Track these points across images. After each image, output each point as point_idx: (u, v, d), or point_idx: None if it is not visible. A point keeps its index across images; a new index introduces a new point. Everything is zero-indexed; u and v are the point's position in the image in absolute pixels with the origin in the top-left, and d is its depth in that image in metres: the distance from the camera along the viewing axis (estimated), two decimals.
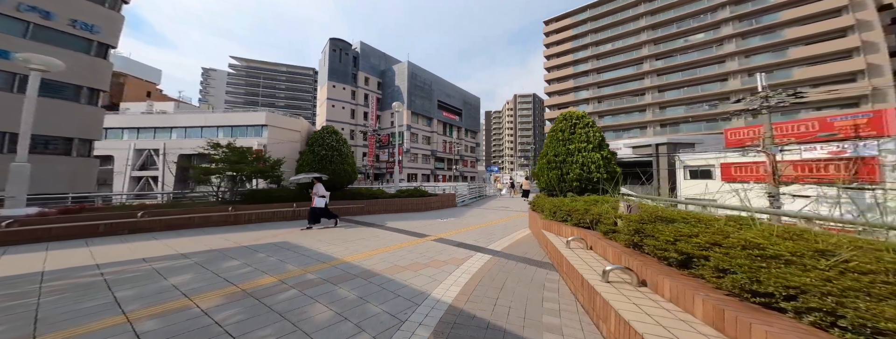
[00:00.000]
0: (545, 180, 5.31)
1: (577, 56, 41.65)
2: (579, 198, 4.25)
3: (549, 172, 5.19)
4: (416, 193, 9.51)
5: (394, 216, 7.84)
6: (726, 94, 28.61)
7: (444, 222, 6.94)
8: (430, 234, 5.55)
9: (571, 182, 4.74)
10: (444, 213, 8.79)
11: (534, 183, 18.27)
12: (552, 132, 5.50)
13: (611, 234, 2.84)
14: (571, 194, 4.73)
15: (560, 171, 4.96)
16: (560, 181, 4.94)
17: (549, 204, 4.46)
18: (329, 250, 4.27)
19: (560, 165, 4.98)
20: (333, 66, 33.00)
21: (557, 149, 5.10)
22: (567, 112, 5.45)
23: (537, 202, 5.29)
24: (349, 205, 7.69)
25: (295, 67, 69.99)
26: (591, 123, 5.10)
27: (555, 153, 5.14)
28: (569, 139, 5.05)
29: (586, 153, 4.69)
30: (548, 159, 5.26)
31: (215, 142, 6.99)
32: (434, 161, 38.25)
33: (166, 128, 22.55)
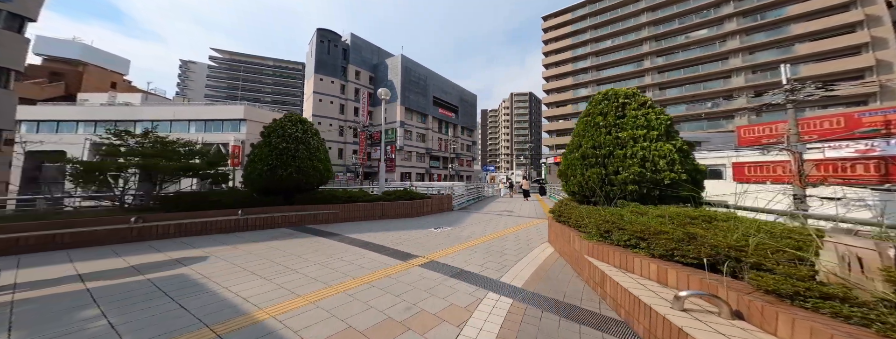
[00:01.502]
0: (578, 182, 3.77)
1: (577, 53, 40.64)
2: (647, 209, 2.75)
3: (584, 170, 3.66)
4: (404, 195, 7.91)
5: (376, 224, 6.24)
6: (729, 91, 27.92)
7: (437, 234, 5.38)
8: (418, 253, 3.98)
9: (625, 185, 3.21)
10: (439, 219, 7.23)
11: (545, 185, 17.12)
12: (587, 117, 3.97)
13: (804, 297, 1.35)
14: (623, 201, 3.21)
15: (603, 169, 3.44)
16: (604, 183, 3.43)
17: (593, 217, 2.97)
18: (247, 289, 2.64)
19: (603, 160, 3.46)
20: (321, 58, 30.94)
21: (599, 138, 3.55)
22: (609, 90, 3.92)
23: (565, 212, 3.79)
24: (319, 211, 6.03)
25: (283, 61, 67.15)
26: (650, 103, 3.57)
27: (593, 145, 3.60)
28: (616, 125, 3.51)
29: (649, 144, 3.17)
30: (582, 153, 3.71)
31: (122, 130, 5.27)
32: (429, 159, 36.64)
33: (129, 121, 20.20)
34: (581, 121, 4.11)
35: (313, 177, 6.01)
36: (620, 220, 2.61)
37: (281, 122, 5.99)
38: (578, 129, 4.10)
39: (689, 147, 3.21)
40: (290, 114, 6.28)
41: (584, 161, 3.68)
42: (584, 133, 3.87)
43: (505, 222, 6.94)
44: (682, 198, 3.00)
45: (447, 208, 9.16)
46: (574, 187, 3.86)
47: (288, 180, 5.53)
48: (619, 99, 3.69)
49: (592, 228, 2.89)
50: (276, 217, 5.30)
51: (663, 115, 3.42)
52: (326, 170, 6.45)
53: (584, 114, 4.10)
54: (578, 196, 3.97)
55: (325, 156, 6.59)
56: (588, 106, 4.12)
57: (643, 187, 3.13)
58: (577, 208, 3.58)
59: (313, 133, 6.38)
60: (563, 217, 3.79)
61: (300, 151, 5.80)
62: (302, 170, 5.70)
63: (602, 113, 3.75)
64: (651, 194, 3.15)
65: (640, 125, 3.34)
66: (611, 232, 2.64)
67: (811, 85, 12.37)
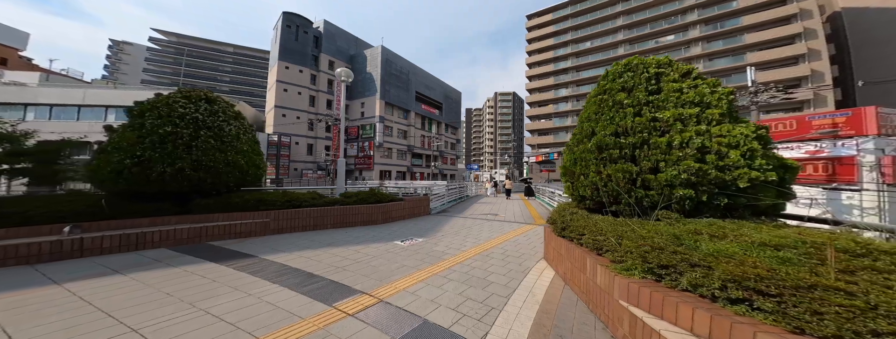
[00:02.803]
0: (592, 182, 2.63)
1: (558, 53, 41.24)
2: (725, 227, 1.65)
3: (600, 166, 2.54)
4: (369, 197, 6.42)
5: (325, 236, 4.72)
6: None
7: (403, 249, 4.02)
8: (363, 286, 2.62)
9: (670, 188, 2.08)
10: (411, 226, 5.87)
11: (531, 184, 16.71)
12: (601, 95, 2.86)
13: None
14: (667, 212, 2.09)
15: (633, 165, 2.32)
16: (633, 184, 2.31)
17: (630, 239, 1.81)
18: None
19: (633, 152, 2.36)
20: (287, 44, 27.83)
21: (623, 122, 2.44)
22: (632, 58, 2.83)
23: (573, 224, 2.62)
24: (234, 221, 4.35)
25: (245, 48, 60.91)
26: (696, 73, 2.47)
27: (615, 131, 2.50)
28: (649, 103, 2.42)
29: (707, 127, 2.09)
30: (598, 143, 2.58)
31: None
32: (411, 157, 34.93)
33: (18, 104, 16.08)
34: (592, 101, 3.00)
35: (227, 175, 4.34)
36: (691, 250, 1.47)
37: (166, 98, 4.19)
38: (589, 111, 2.97)
39: (766, 131, 2.14)
40: (190, 89, 4.50)
41: (600, 154, 2.55)
42: (599, 116, 2.75)
43: (489, 229, 5.77)
44: (759, 209, 1.95)
45: (423, 211, 7.81)
46: (586, 189, 2.71)
47: (177, 180, 3.82)
48: (649, 69, 2.58)
49: (631, 256, 1.73)
50: (150, 234, 3.51)
51: (720, 87, 2.34)
52: (252, 167, 4.79)
53: (597, 91, 2.98)
54: (590, 202, 2.83)
55: (252, 148, 4.92)
56: (602, 81, 3.01)
57: (703, 191, 2.02)
58: (590, 219, 2.45)
59: (230, 116, 4.68)
60: (570, 231, 2.62)
61: (203, 139, 4.09)
62: (203, 166, 4.01)
63: (625, 88, 2.64)
64: (712, 202, 2.03)
65: (689, 101, 2.25)
66: (673, 269, 1.48)
67: (773, 88, 12.79)
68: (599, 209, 2.78)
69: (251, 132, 5.16)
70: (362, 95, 32.13)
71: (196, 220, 4.16)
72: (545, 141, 40.70)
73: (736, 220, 1.87)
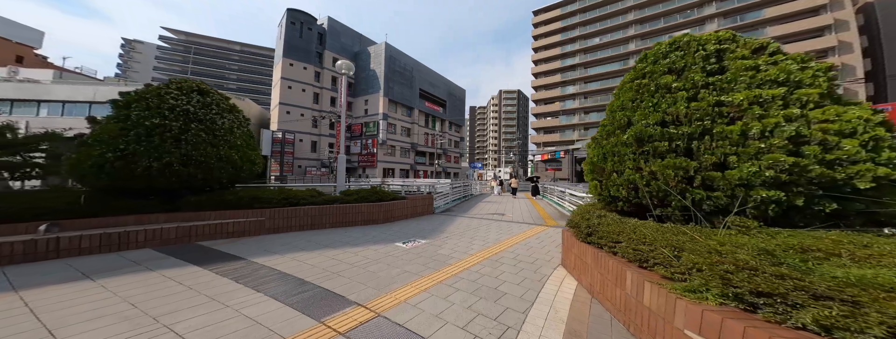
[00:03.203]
0: (628, 181, 2.22)
1: (566, 49, 40.22)
2: (874, 242, 1.24)
3: (639, 161, 2.12)
4: (370, 195, 6.12)
5: (323, 236, 4.44)
6: None
7: (404, 252, 3.70)
8: (358, 297, 2.29)
9: (746, 188, 1.64)
10: (413, 227, 5.55)
11: (538, 183, 16.30)
12: (640, 79, 2.44)
13: None
14: (738, 218, 1.64)
15: (689, 160, 1.88)
16: (688, 183, 1.87)
17: (698, 255, 1.40)
18: None
19: (688, 143, 1.92)
20: (291, 41, 27.71)
21: (673, 108, 1.99)
22: (683, 35, 2.38)
23: (602, 228, 2.23)
24: (225, 220, 4.09)
25: (252, 46, 61.46)
26: (773, 48, 1.99)
27: (661, 120, 2.06)
28: (709, 85, 1.97)
29: (805, 111, 1.62)
30: (636, 134, 2.16)
31: None
32: (414, 155, 34.67)
33: (31, 101, 16.36)
34: (626, 88, 2.57)
35: (220, 171, 4.07)
36: (802, 273, 1.06)
37: (156, 89, 3.92)
38: (623, 98, 2.54)
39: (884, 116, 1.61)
40: (182, 79, 4.23)
41: (640, 148, 2.14)
42: (636, 104, 2.34)
43: (497, 230, 5.40)
44: (878, 218, 1.48)
45: (427, 210, 7.49)
46: (619, 189, 2.30)
47: (165, 176, 3.56)
48: (706, 45, 2.13)
49: (701, 275, 1.32)
50: (134, 234, 3.26)
51: (813, 62, 1.86)
52: (247, 162, 4.52)
53: (633, 76, 2.56)
54: (624, 204, 2.42)
55: (247, 143, 4.64)
56: (639, 64, 2.58)
57: (797, 193, 1.53)
58: (626, 223, 2.06)
59: (224, 109, 4.40)
60: (599, 238, 2.24)
61: (193, 132, 3.82)
62: (193, 160, 3.74)
63: (672, 70, 2.21)
64: (812, 207, 1.55)
65: (770, 81, 1.79)
66: (779, 299, 1.05)
67: None
68: (636, 213, 2.36)
69: (246, 126, 4.90)
70: (366, 93, 31.91)
71: (185, 218, 3.92)
72: (551, 139, 39.90)
73: (850, 231, 1.43)
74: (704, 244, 1.39)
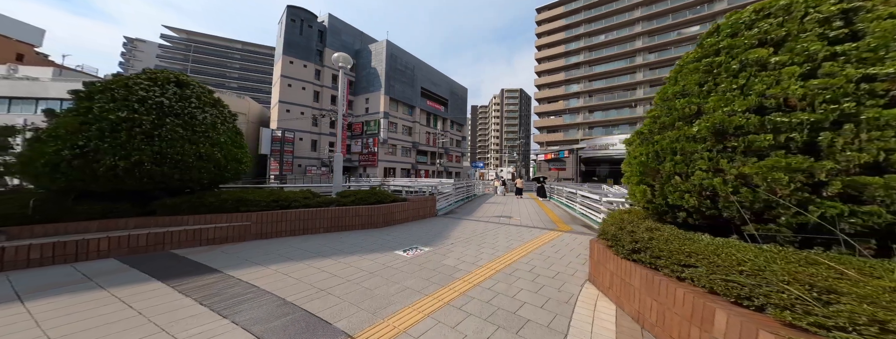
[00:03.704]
0: (696, 186, 1.71)
1: (570, 47, 39.55)
2: None
3: (724, 161, 1.59)
4: (368, 197, 5.68)
5: (314, 242, 4.01)
6: None
7: (405, 262, 3.25)
8: (347, 323, 1.83)
9: None
10: (414, 232, 5.11)
11: (544, 184, 15.86)
12: (706, 59, 1.95)
13: None
14: (860, 241, 1.17)
15: (811, 159, 1.33)
16: (813, 191, 1.33)
17: (872, 301, 0.90)
18: None
19: (811, 135, 1.35)
20: (291, 38, 27.35)
21: (770, 89, 1.45)
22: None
23: (658, 244, 1.75)
24: (205, 225, 3.66)
25: (253, 45, 61.42)
26: None
27: (757, 105, 1.51)
28: (836, 55, 1.40)
29: None
30: (715, 126, 1.61)
31: None
32: (415, 154, 34.25)
33: (29, 99, 16.13)
34: (688, 68, 2.07)
35: (200, 171, 3.64)
36: None
37: (124, 79, 3.47)
38: (687, 81, 2.01)
39: None
40: (157, 70, 3.80)
41: (721, 142, 1.63)
42: (706, 88, 1.84)
43: (506, 235, 4.93)
44: None
45: (429, 213, 7.05)
46: (684, 196, 1.80)
47: (134, 177, 3.15)
48: (821, 7, 1.54)
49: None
50: (95, 241, 2.83)
51: None
52: (232, 161, 4.09)
53: (699, 54, 2.04)
54: (691, 215, 1.87)
55: (232, 140, 4.22)
56: (708, 39, 2.04)
57: None
58: (697, 241, 1.59)
59: (206, 103, 3.97)
60: (651, 256, 1.76)
61: (168, 127, 3.39)
62: (168, 159, 3.32)
63: (766, 41, 1.68)
64: None
65: None
66: None
67: None
68: (708, 228, 1.83)
69: (232, 122, 4.47)
70: (367, 91, 31.52)
71: (160, 223, 3.50)
72: (554, 139, 39.30)
73: None
74: (875, 286, 0.91)
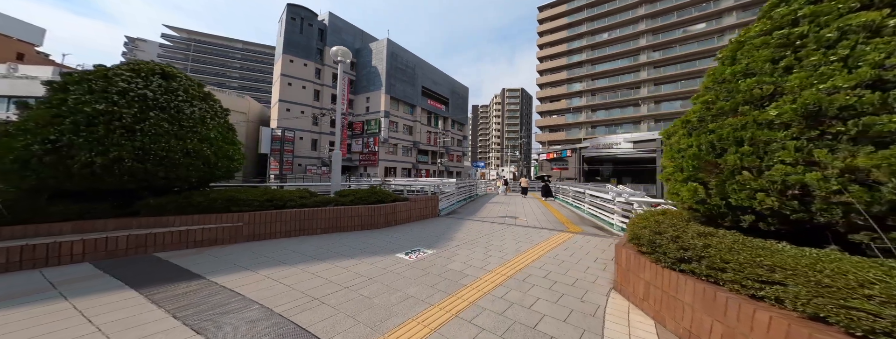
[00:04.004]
0: (774, 183, 1.38)
1: (572, 46, 39.16)
2: None
3: (821, 153, 1.24)
4: (368, 196, 5.42)
5: (312, 245, 3.75)
6: None
7: (407, 266, 2.98)
8: None
9: None
10: (416, 233, 4.84)
11: (549, 183, 15.70)
12: (777, 32, 1.61)
13: None
14: None
15: None
16: None
17: None
18: None
19: None
20: (291, 37, 27.14)
21: (890, 58, 1.10)
22: None
23: (721, 256, 1.41)
24: (199, 226, 3.41)
25: (254, 45, 61.44)
26: None
27: (876, 78, 1.16)
28: None
29: None
30: (808, 107, 1.26)
31: None
32: (416, 154, 34.01)
33: (29, 98, 15.97)
34: (753, 44, 1.75)
35: (188, 169, 3.38)
36: None
37: (104, 70, 3.20)
38: (749, 60, 1.70)
39: None
40: (140, 61, 3.53)
41: (815, 128, 1.30)
42: (782, 64, 1.52)
43: (513, 237, 4.66)
44: None
45: (432, 213, 6.78)
46: (757, 196, 1.47)
47: (114, 174, 2.89)
48: None
49: None
50: (67, 245, 2.55)
51: None
52: (223, 158, 3.84)
53: (769, 27, 1.69)
54: (764, 218, 1.55)
55: (223, 136, 3.96)
56: (777, 10, 1.65)
57: None
58: (780, 253, 1.29)
59: (194, 96, 3.70)
60: (711, 267, 1.46)
61: (152, 121, 3.13)
62: (152, 155, 3.06)
63: (871, 3, 1.33)
64: None
65: None
66: None
67: None
68: (785, 234, 1.52)
69: (223, 117, 4.21)
70: (367, 90, 31.29)
71: (143, 224, 3.25)
72: (556, 138, 38.94)
73: None
74: None
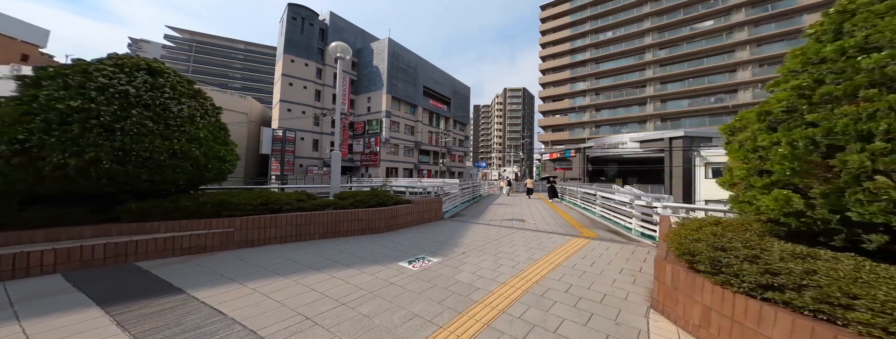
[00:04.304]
0: None
1: (575, 45, 38.70)
2: None
3: None
4: (369, 199, 5.14)
5: (309, 252, 3.48)
6: (734, 86, 26.75)
7: (410, 279, 2.68)
8: None
9: None
10: (420, 238, 4.55)
11: (555, 184, 15.37)
12: None
13: None
14: None
15: None
16: None
17: None
18: None
19: None
20: (292, 37, 27.01)
21: None
22: None
23: (868, 292, 1.04)
24: (187, 232, 3.14)
25: (256, 45, 61.68)
26: None
27: None
28: None
29: None
30: None
31: None
32: (418, 154, 33.75)
33: None
34: (866, 11, 1.39)
35: (174, 170, 3.12)
36: None
37: (83, 65, 2.91)
38: (878, 30, 1.28)
39: None
40: (124, 55, 3.27)
41: None
42: None
43: (524, 242, 4.34)
44: None
45: (435, 216, 6.49)
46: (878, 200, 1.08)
47: (90, 177, 2.63)
48: None
49: None
50: (39, 255, 2.27)
51: None
52: (215, 159, 3.58)
53: None
54: (888, 240, 1.16)
55: (214, 135, 3.70)
56: None
57: None
58: None
59: (183, 94, 3.44)
60: (831, 302, 1.09)
61: (134, 120, 2.87)
62: (134, 156, 2.80)
63: None
64: None
65: None
66: None
67: None
68: None
69: (215, 116, 3.96)
70: (368, 90, 31.10)
71: (125, 231, 2.99)
72: (559, 137, 38.48)
73: None
74: None
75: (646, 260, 3.43)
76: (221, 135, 3.99)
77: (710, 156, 16.53)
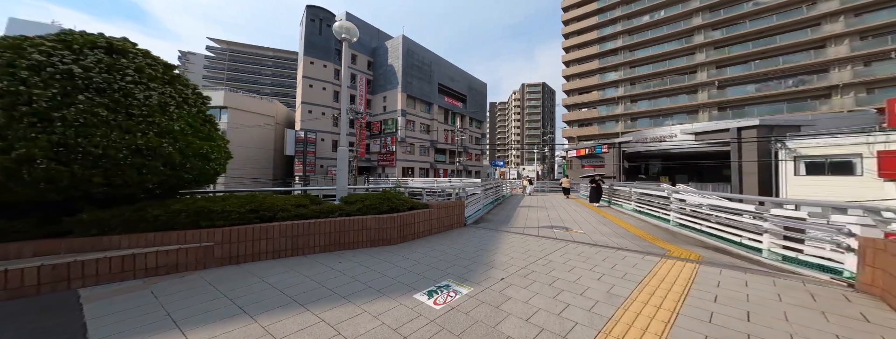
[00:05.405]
0: None
1: (604, 32, 35.36)
2: None
3: None
4: (381, 204, 4.29)
5: (301, 273, 2.68)
6: (823, 65, 21.98)
7: (430, 324, 1.71)
8: None
9: None
10: (440, 254, 3.58)
11: (601, 184, 12.46)
12: None
13: None
14: None
15: None
16: None
17: None
18: None
19: None
20: (311, 39, 27.61)
21: None
22: None
23: None
24: (153, 248, 2.48)
25: (282, 51, 65.67)
26: None
27: None
28: None
29: None
30: None
31: None
32: (434, 153, 33.06)
33: None
34: None
35: (139, 171, 2.49)
36: None
37: (19, 40, 2.29)
38: None
39: None
40: (73, 31, 2.65)
41: None
42: None
43: (586, 263, 3.16)
44: None
45: (456, 222, 5.50)
46: None
47: (22, 181, 2.03)
48: None
49: None
50: None
51: None
52: (195, 158, 2.92)
53: None
54: None
55: (197, 128, 3.06)
56: None
57: None
58: None
59: (152, 77, 2.80)
60: None
61: (83, 107, 2.25)
62: (80, 153, 2.16)
63: None
64: None
65: None
66: None
67: None
68: None
69: (198, 105, 3.33)
70: (384, 89, 30.98)
71: (75, 248, 2.40)
72: (587, 133, 35.47)
73: None
74: None
75: (862, 315, 1.92)
76: (206, 128, 3.36)
77: (801, 148, 13.13)
